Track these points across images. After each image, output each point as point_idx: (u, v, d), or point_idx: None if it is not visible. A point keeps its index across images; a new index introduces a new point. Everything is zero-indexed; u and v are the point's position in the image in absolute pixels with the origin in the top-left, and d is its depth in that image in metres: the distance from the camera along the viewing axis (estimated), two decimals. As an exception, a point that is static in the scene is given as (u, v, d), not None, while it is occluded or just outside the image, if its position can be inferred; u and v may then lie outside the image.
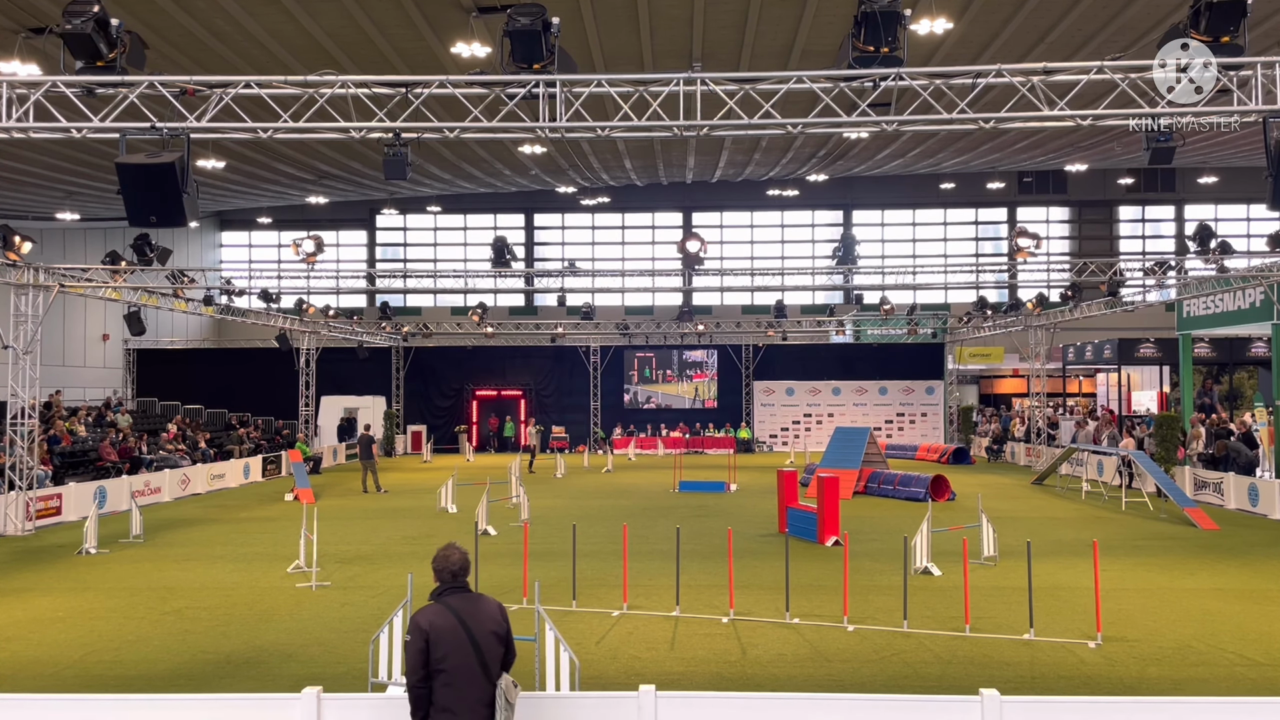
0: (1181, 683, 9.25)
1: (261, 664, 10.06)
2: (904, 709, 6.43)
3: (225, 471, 28.78)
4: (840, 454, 26.07)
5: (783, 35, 21.10)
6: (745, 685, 9.17)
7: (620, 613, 12.04)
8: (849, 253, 25.49)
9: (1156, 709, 6.40)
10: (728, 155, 35.81)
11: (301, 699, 6.23)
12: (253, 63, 20.15)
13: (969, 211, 48.26)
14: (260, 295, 29.99)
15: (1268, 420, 26.34)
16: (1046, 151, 36.18)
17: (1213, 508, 21.93)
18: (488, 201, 46.15)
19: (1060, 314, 31.98)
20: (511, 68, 11.67)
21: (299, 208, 44.81)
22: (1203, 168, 43.76)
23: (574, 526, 13.83)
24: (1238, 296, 26.81)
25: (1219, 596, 13.04)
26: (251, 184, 35.30)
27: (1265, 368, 31.54)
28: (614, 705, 6.37)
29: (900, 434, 42.66)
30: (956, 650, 10.40)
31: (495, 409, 44.17)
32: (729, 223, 48.24)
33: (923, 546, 14.63)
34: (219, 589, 13.83)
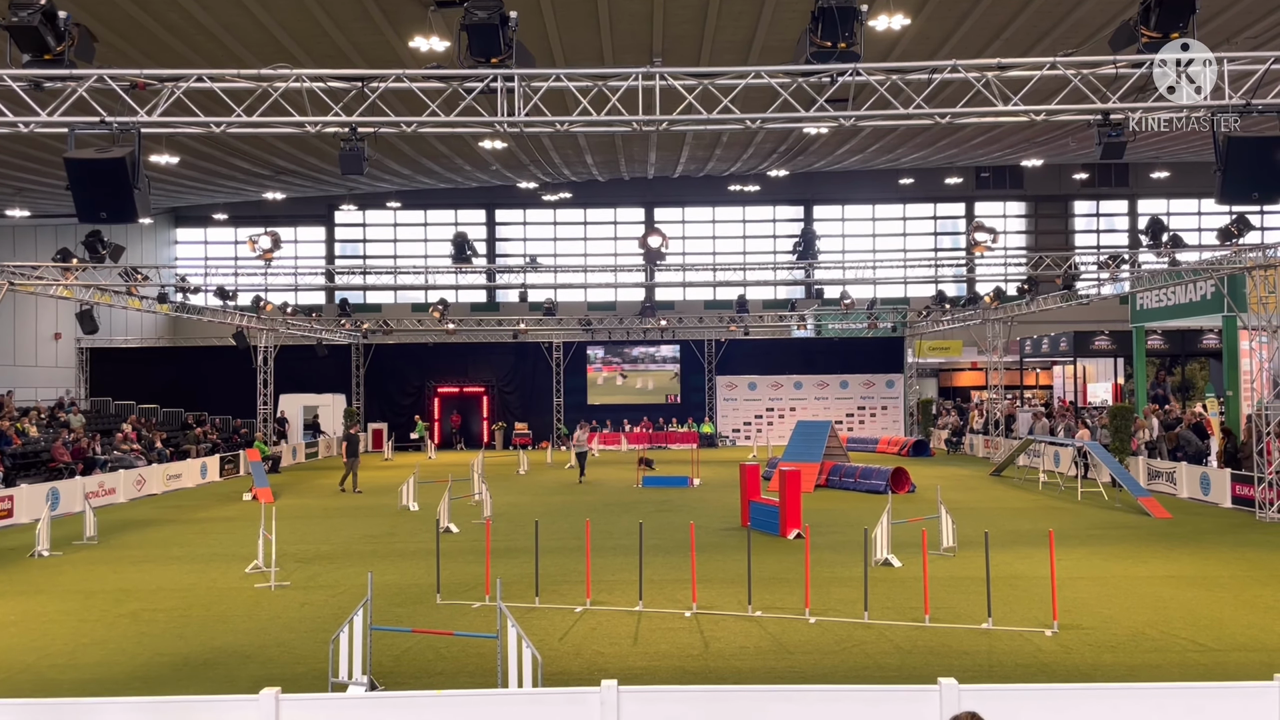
0: (1135, 669, 9.42)
1: (220, 665, 9.94)
2: (864, 699, 6.48)
3: (182, 471, 28.36)
4: (802, 448, 26.25)
5: (742, 30, 21.15)
6: (708, 679, 9.21)
7: (583, 609, 12.03)
8: (809, 248, 25.63)
9: (1111, 695, 6.50)
10: (689, 151, 35.85)
11: (260, 700, 6.15)
12: (205, 56, 19.83)
13: (928, 206, 48.73)
14: (216, 293, 29.53)
15: (1218, 410, 26.90)
16: (1003, 147, 36.61)
17: (1166, 497, 22.35)
18: (448, 197, 45.83)
19: (1017, 307, 32.40)
20: (469, 62, 11.59)
21: (256, 204, 44.22)
22: (1155, 163, 44.52)
23: (536, 523, 13.79)
24: (1189, 289, 27.33)
25: (1172, 584, 13.30)
26: (206, 180, 34.77)
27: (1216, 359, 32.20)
28: (576, 701, 6.35)
29: (861, 427, 43.01)
30: (916, 640, 10.51)
31: (458, 406, 43.92)
32: (691, 218, 48.31)
33: (883, 538, 14.76)
34: (176, 590, 13.63)
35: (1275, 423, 19.48)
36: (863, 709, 6.29)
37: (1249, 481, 20.12)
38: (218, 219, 46.84)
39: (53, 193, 30.57)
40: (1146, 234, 22.35)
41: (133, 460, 27.52)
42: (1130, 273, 28.26)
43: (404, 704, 6.59)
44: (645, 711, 6.19)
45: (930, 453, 37.12)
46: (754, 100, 14.65)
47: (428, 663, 9.85)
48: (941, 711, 5.91)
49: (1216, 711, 6.16)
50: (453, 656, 10.00)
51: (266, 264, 23.84)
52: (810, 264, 29.49)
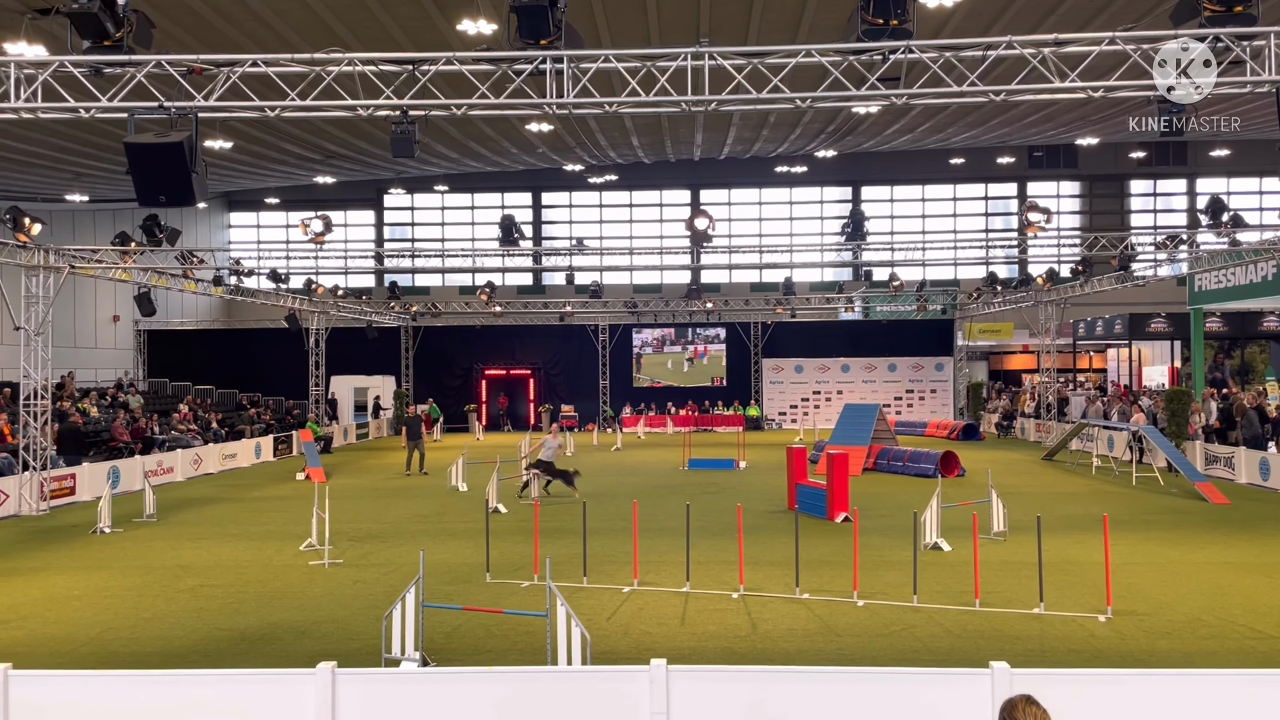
0: (1191, 655, 9.27)
1: (276, 640, 10.15)
2: (914, 681, 6.45)
3: (237, 451, 28.92)
4: (849, 431, 26.07)
5: (791, 9, 20.94)
6: (755, 659, 9.22)
7: (631, 589, 12.10)
8: (858, 229, 25.38)
9: (1166, 681, 6.40)
10: (735, 131, 35.62)
11: (316, 675, 6.27)
12: (259, 42, 20.09)
13: (979, 187, 47.97)
14: (269, 275, 30.03)
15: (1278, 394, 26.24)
16: (1057, 125, 35.89)
17: (1223, 482, 21.89)
18: (495, 180, 46.04)
19: (1070, 289, 31.83)
20: (518, 44, 11.61)
21: (306, 188, 44.80)
22: (1215, 140, 43.38)
23: (584, 504, 13.88)
24: (1250, 270, 26.63)
25: (1229, 570, 13.04)
26: (259, 164, 35.28)
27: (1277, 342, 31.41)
28: (626, 679, 6.40)
29: (909, 410, 42.60)
30: (966, 624, 10.43)
31: (504, 388, 44.25)
32: (737, 200, 48.04)
33: (932, 522, 14.64)
34: (233, 567, 13.93)
35: (1339, 407, 18.98)
36: (913, 691, 6.25)
37: (1311, 467, 19.64)
38: (270, 203, 47.53)
39: (111, 177, 31.24)
40: (1206, 213, 21.83)
41: (189, 440, 28.13)
42: (1188, 253, 27.61)
43: (456, 679, 6.68)
44: (694, 690, 6.22)
45: (980, 437, 36.68)
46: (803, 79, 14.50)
47: (478, 640, 9.98)
48: (994, 695, 5.86)
49: (1275, 698, 6.04)
50: (503, 634, 10.12)
51: (318, 247, 24.16)
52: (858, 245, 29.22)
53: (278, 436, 32.06)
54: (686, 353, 44.51)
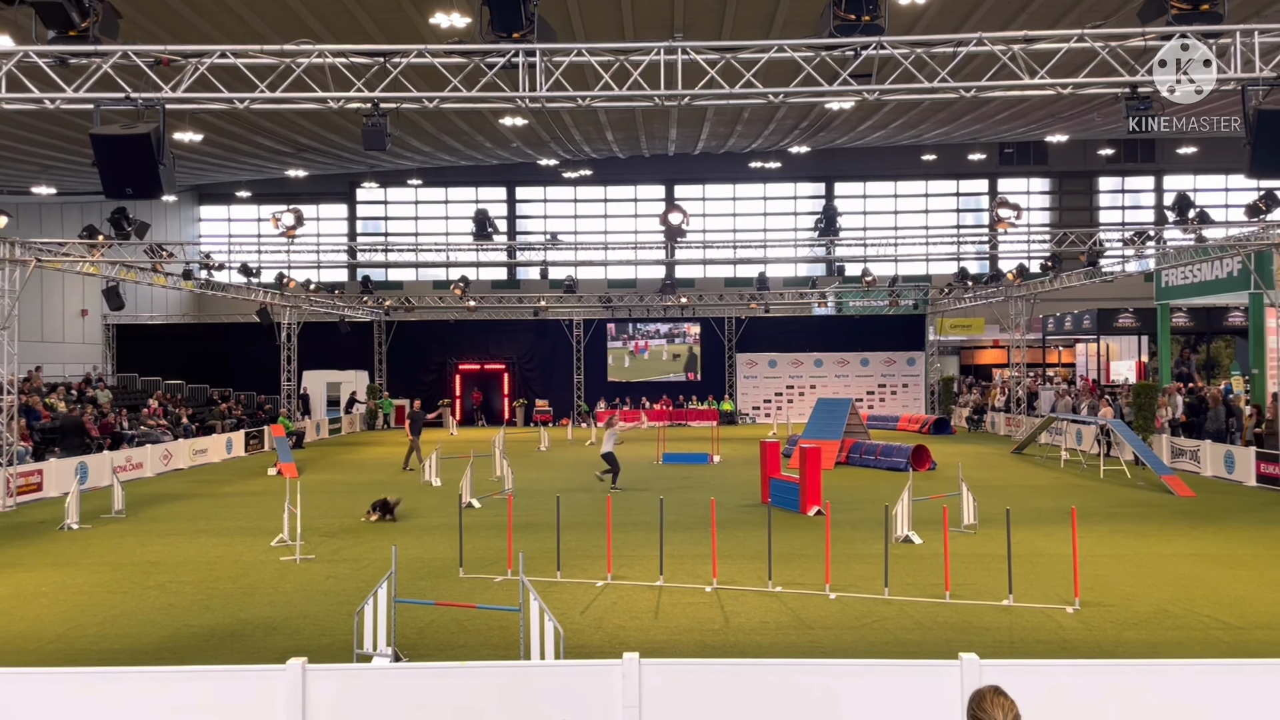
0: (1157, 646, 9.40)
1: (246, 637, 10.08)
2: (884, 673, 6.50)
3: (207, 446, 28.67)
4: (822, 425, 26.21)
5: (764, 5, 20.98)
6: (728, 653, 9.26)
7: (604, 583, 12.11)
8: (831, 224, 25.48)
9: (1132, 672, 6.49)
10: (710, 127, 35.65)
11: (287, 671, 6.24)
12: (228, 32, 19.89)
13: (950, 183, 48.31)
14: (240, 269, 29.75)
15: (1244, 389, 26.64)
16: (1028, 122, 36.20)
17: (1189, 475, 22.19)
18: (469, 174, 45.83)
19: (1040, 285, 32.13)
20: (490, 37, 11.56)
21: (278, 181, 44.41)
22: (1182, 138, 43.89)
23: (558, 498, 13.87)
24: (1215, 266, 26.99)
25: (1195, 562, 13.23)
26: (230, 157, 34.93)
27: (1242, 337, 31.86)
28: (599, 673, 6.41)
29: (882, 405, 42.88)
30: (937, 616, 10.53)
31: (479, 383, 44.10)
32: (711, 195, 48.11)
33: (904, 515, 14.76)
34: (203, 563, 13.82)
35: (1302, 401, 19.28)
36: (883, 682, 6.31)
37: (1274, 460, 19.95)
38: (241, 196, 47.07)
39: (78, 170, 30.82)
40: (1173, 210, 22.11)
41: (159, 435, 27.84)
42: (1155, 249, 27.95)
43: (428, 674, 6.67)
44: (666, 684, 6.24)
45: (951, 430, 36.98)
46: (776, 75, 14.56)
47: (451, 635, 9.96)
48: (963, 686, 5.92)
49: (1239, 688, 6.14)
50: (476, 629, 10.10)
51: (289, 241, 23.96)
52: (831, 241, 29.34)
53: (249, 432, 31.80)
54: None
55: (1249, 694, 6.11)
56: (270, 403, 38.57)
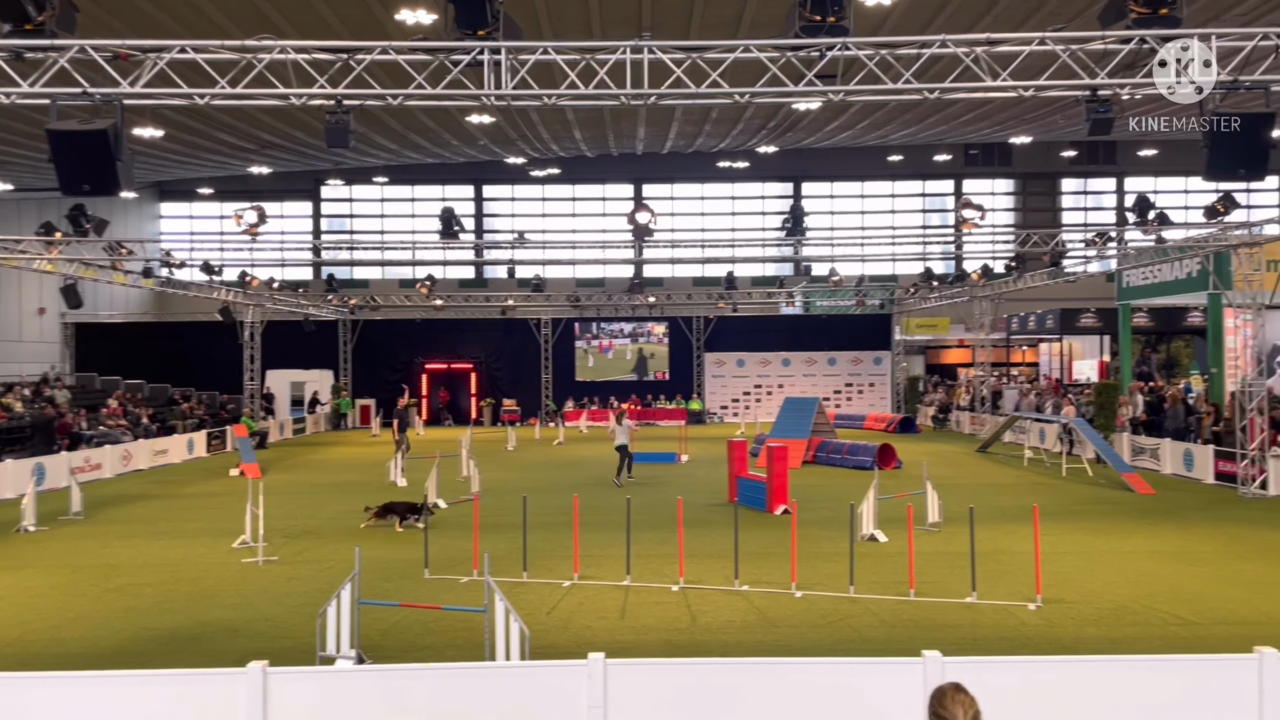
0: (1117, 642, 9.52)
1: (207, 640, 9.95)
2: (849, 671, 6.54)
3: (168, 447, 28.27)
4: (789, 424, 26.32)
5: (732, 5, 21.02)
6: (694, 652, 9.26)
7: (571, 583, 12.08)
8: (798, 224, 25.58)
9: (1093, 667, 6.57)
10: (678, 126, 35.67)
11: (247, 674, 6.16)
12: (189, 27, 19.60)
13: (916, 183, 48.69)
14: (202, 267, 29.38)
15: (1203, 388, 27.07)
16: (992, 124, 36.54)
17: (1149, 473, 22.51)
18: (436, 173, 45.55)
19: (1004, 285, 32.47)
20: (455, 34, 11.48)
21: (241, 178, 43.86)
22: (1143, 140, 44.54)
23: (524, 498, 13.80)
24: (1175, 267, 27.41)
25: (1154, 559, 13.42)
26: (191, 153, 34.46)
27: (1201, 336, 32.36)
28: (564, 674, 6.39)
29: (849, 404, 43.14)
30: (901, 614, 10.60)
31: (445, 382, 43.85)
32: (679, 194, 48.16)
33: (869, 514, 14.85)
34: (163, 565, 13.62)
35: (1258, 400, 19.62)
36: (848, 681, 6.34)
37: (1232, 458, 20.28)
38: (203, 193, 46.48)
39: (35, 166, 30.24)
40: (1133, 211, 22.41)
41: (119, 436, 27.42)
42: (1117, 250, 28.33)
43: (392, 676, 6.61)
44: (632, 683, 6.23)
45: (917, 429, 37.28)
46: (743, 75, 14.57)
47: (416, 637, 9.88)
48: (926, 682, 5.95)
49: (1197, 683, 6.23)
50: (441, 630, 10.04)
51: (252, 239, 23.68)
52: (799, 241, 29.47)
53: (211, 432, 31.42)
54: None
55: (1206, 689, 6.20)
56: (233, 402, 38.12)
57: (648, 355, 44.36)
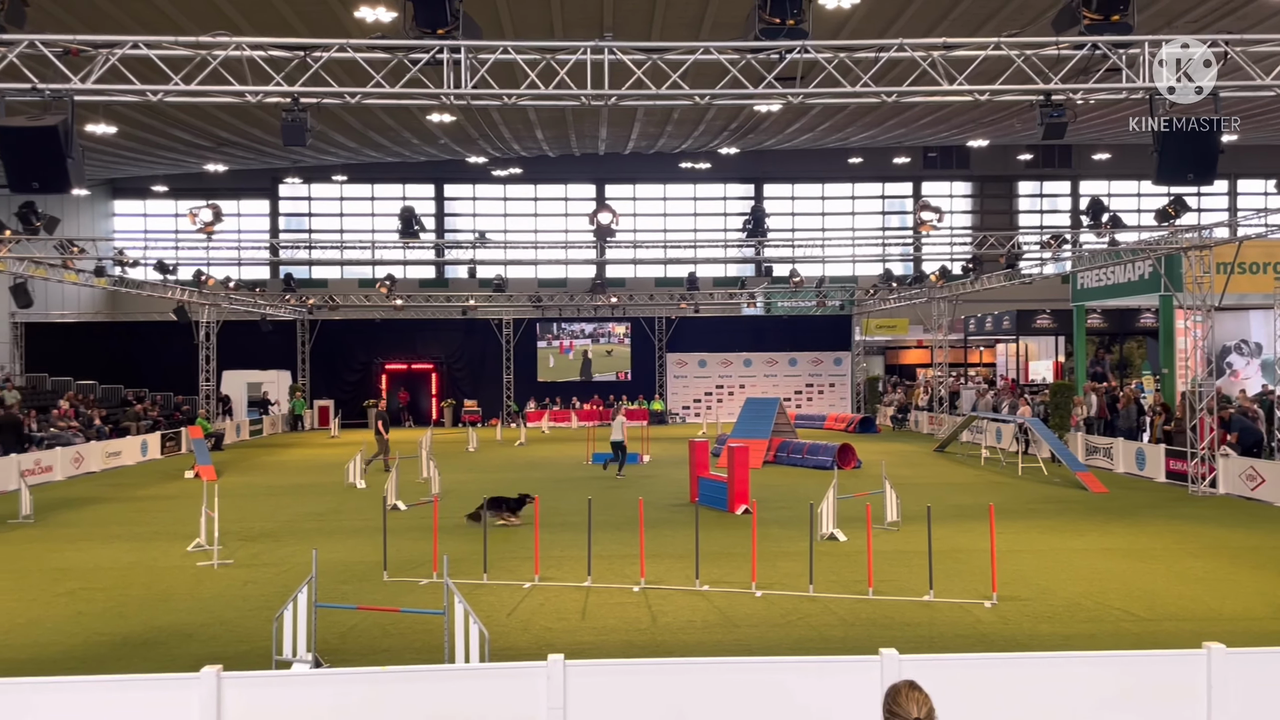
0: (1071, 638, 9.66)
1: (160, 645, 9.79)
2: (808, 670, 6.58)
3: (122, 449, 27.79)
4: (751, 424, 26.44)
5: (694, 6, 21.08)
6: (655, 652, 9.27)
7: (532, 584, 12.04)
8: (759, 226, 25.71)
9: (1046, 664, 6.67)
10: (640, 127, 35.69)
11: (201, 679, 6.07)
12: (142, 22, 19.29)
13: (876, 186, 49.10)
14: (156, 266, 28.91)
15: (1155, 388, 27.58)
16: (950, 127, 36.96)
17: (1103, 471, 22.89)
18: (396, 171, 45.18)
19: (962, 286, 32.85)
20: (415, 32, 11.40)
21: (197, 176, 43.23)
22: (1097, 144, 45.28)
23: (484, 500, 13.74)
24: (1128, 269, 27.89)
25: (1106, 556, 13.65)
26: (145, 150, 33.93)
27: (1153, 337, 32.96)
28: (523, 675, 6.37)
29: (809, 404, 43.42)
30: (860, 612, 10.68)
31: (406, 383, 43.51)
32: (642, 195, 48.17)
33: (829, 513, 14.96)
34: (115, 569, 13.39)
35: (1208, 400, 20.02)
36: (806, 680, 6.38)
37: (1182, 457, 20.68)
38: (157, 191, 45.73)
39: (-17, 162, 29.59)
40: (1087, 214, 22.77)
41: (70, 437, 26.90)
42: (1071, 252, 28.78)
43: (349, 680, 6.55)
44: (592, 685, 6.22)
45: (876, 429, 37.60)
46: (704, 76, 14.62)
47: (374, 640, 9.80)
48: (883, 680, 6.00)
49: (1147, 678, 6.35)
50: (399, 633, 9.96)
51: (208, 237, 23.36)
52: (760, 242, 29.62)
53: (165, 433, 30.93)
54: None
55: (1157, 684, 6.31)
56: (188, 403, 37.56)
57: (595, 357, 44.29)
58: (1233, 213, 44.96)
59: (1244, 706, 6.14)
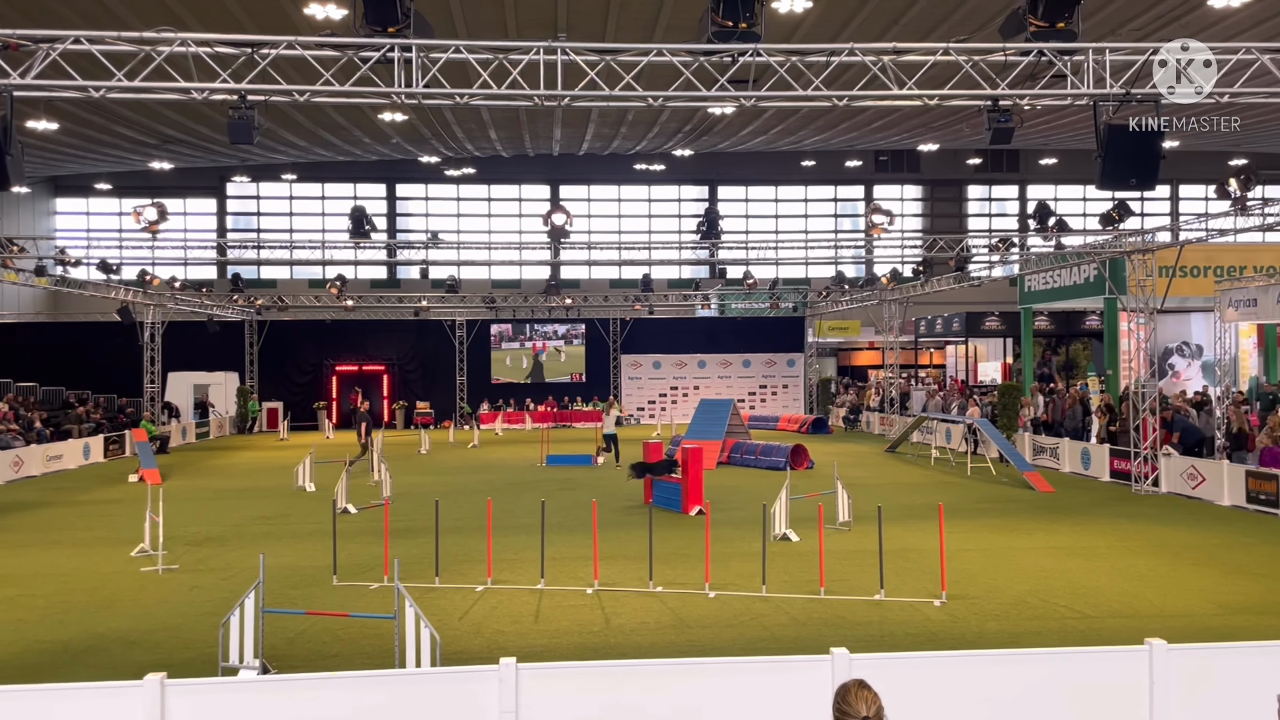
0: (1018, 636, 9.81)
1: (103, 652, 9.58)
2: (759, 670, 6.60)
3: (63, 452, 27.16)
4: (705, 425, 26.53)
5: (648, 8, 21.13)
6: (608, 654, 9.25)
7: (484, 588, 11.97)
8: (713, 228, 25.80)
9: (993, 661, 6.76)
10: (594, 128, 35.67)
11: (144, 686, 5.94)
12: (85, 16, 18.89)
13: (828, 189, 49.53)
14: (99, 266, 28.27)
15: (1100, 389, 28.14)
16: (901, 131, 37.42)
17: (1049, 471, 23.29)
18: (347, 170, 44.68)
19: (912, 288, 33.26)
20: (365, 30, 11.27)
21: (142, 174, 42.40)
22: (1044, 150, 46.10)
23: (436, 502, 13.63)
24: (1074, 272, 28.45)
25: (1053, 554, 13.88)
26: (88, 147, 33.23)
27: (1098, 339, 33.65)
28: (474, 679, 6.31)
29: (763, 405, 43.67)
30: (812, 612, 10.76)
31: (357, 384, 42.96)
32: (596, 196, 48.13)
33: (782, 514, 15.04)
34: (56, 575, 13.07)
35: (1151, 400, 20.46)
36: (758, 680, 6.40)
37: (1126, 456, 21.11)
38: (101, 189, 44.77)
39: (-82, 158, 28.77)
40: (1034, 218, 23.14)
41: (9, 440, 26.21)
42: (1019, 256, 29.26)
43: (296, 686, 6.45)
44: (544, 688, 6.19)
45: (829, 430, 37.92)
46: (657, 78, 14.64)
47: (323, 645, 9.67)
48: (834, 679, 6.04)
49: (1092, 674, 6.45)
50: (349, 638, 9.84)
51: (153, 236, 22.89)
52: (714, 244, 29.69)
53: (109, 436, 30.29)
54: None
55: (1102, 679, 6.42)
56: (132, 406, 36.78)
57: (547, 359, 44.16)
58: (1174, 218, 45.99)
59: (1185, 700, 6.28)
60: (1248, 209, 19.10)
